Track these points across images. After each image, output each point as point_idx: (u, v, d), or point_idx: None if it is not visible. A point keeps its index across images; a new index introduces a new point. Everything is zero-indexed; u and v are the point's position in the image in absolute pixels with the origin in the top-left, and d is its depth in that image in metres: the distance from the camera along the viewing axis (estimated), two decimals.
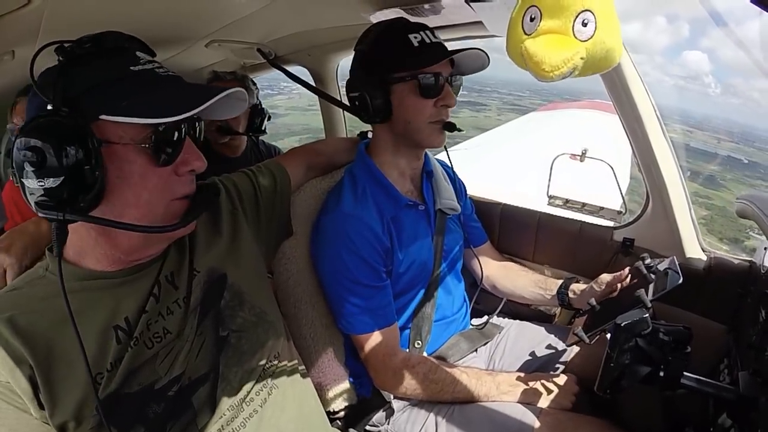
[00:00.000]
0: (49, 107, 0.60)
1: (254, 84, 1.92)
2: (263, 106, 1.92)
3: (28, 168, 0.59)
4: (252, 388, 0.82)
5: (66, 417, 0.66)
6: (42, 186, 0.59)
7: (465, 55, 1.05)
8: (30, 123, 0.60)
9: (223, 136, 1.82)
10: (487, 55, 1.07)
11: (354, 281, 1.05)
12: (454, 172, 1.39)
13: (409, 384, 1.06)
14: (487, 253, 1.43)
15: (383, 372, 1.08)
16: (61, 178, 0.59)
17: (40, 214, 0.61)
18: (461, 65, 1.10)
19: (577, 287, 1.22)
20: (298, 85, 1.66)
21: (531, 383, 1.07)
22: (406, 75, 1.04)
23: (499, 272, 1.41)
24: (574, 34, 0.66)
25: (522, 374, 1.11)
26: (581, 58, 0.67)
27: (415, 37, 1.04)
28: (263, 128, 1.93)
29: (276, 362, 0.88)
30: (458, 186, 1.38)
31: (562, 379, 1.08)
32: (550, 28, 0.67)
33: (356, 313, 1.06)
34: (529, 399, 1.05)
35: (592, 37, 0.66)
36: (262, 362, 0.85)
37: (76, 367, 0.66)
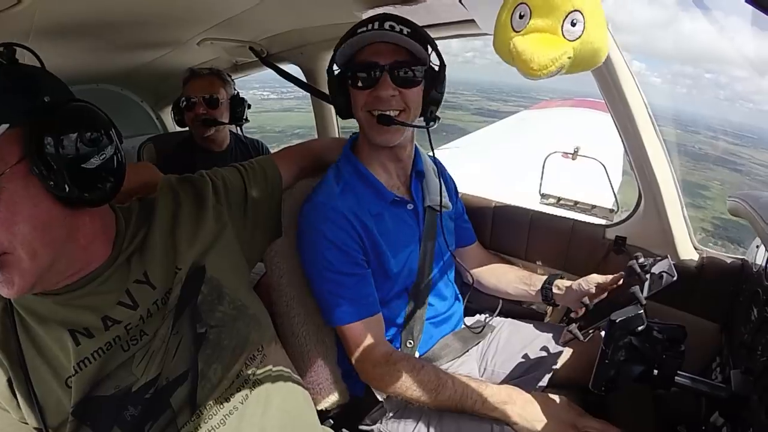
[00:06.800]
0: None
1: (230, 76, 1.95)
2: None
3: None
4: (232, 384, 0.80)
5: (43, 421, 0.66)
6: None
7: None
8: None
9: (208, 128, 1.84)
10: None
11: (330, 270, 1.03)
12: (446, 171, 1.38)
13: (389, 381, 1.01)
14: (476, 252, 1.43)
15: (364, 363, 1.05)
16: None
17: None
18: None
19: (562, 283, 1.22)
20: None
21: (520, 402, 0.97)
22: (344, 67, 1.04)
23: (486, 269, 1.41)
24: (563, 34, 0.66)
25: (512, 389, 1.01)
26: (569, 58, 0.67)
27: (366, 29, 0.98)
28: (245, 117, 1.97)
29: (259, 357, 0.86)
30: (450, 185, 1.37)
31: (553, 401, 0.99)
32: (539, 27, 0.67)
33: (337, 302, 1.04)
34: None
35: (580, 37, 0.66)
36: (244, 357, 0.83)
37: (46, 372, 0.67)
